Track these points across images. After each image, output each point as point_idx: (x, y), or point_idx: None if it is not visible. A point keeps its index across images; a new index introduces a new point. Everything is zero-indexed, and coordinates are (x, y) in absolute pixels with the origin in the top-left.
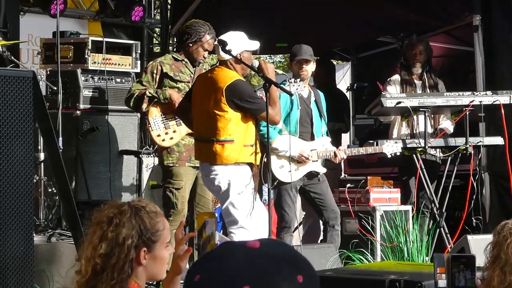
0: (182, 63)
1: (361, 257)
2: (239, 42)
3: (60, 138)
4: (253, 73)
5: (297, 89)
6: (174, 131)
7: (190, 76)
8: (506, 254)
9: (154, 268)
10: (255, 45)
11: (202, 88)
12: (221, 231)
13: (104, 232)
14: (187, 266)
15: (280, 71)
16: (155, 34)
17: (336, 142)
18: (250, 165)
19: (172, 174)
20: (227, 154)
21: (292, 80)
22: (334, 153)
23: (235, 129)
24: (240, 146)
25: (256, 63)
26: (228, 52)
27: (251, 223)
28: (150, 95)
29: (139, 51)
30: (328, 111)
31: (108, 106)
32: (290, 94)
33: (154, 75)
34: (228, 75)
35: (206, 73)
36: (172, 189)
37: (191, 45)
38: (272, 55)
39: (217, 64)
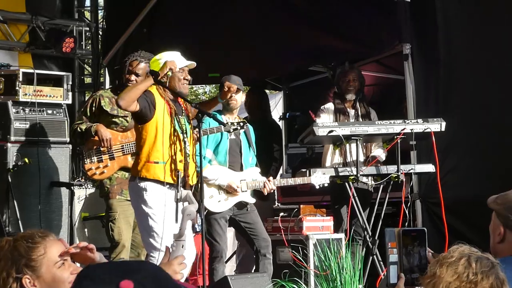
0: None
1: (294, 286)
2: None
3: None
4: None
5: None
6: (106, 166)
7: None
8: (441, 273)
9: None
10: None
11: None
12: None
13: None
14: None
15: None
16: (86, 65)
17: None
18: (161, 182)
19: (106, 206)
20: (133, 166)
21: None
22: (264, 183)
23: (140, 144)
24: (143, 161)
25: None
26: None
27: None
28: (79, 130)
29: (70, 83)
30: (261, 141)
31: (40, 138)
32: (223, 124)
33: (93, 108)
34: None
35: None
36: (108, 221)
37: (125, 76)
38: (204, 85)
39: None
